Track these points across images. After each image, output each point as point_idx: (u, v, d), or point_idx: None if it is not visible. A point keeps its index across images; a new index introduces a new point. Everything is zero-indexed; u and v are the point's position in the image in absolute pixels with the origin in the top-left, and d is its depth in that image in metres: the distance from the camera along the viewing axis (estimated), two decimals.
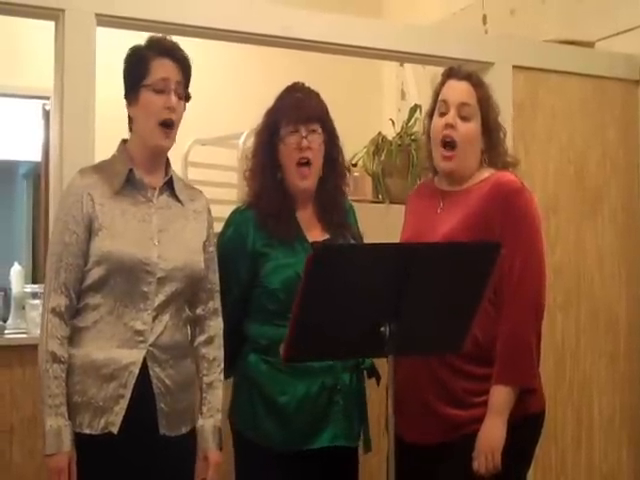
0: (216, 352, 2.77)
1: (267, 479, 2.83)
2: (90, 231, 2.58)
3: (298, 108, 2.88)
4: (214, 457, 2.71)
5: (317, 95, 2.97)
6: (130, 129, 2.73)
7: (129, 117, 2.72)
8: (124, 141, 2.73)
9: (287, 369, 2.78)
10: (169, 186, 2.72)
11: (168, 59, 2.65)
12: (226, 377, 3.00)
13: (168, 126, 2.64)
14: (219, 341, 2.78)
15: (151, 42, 2.70)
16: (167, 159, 2.75)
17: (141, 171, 2.67)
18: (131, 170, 2.65)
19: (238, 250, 2.88)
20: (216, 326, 2.78)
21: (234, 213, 2.99)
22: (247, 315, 2.91)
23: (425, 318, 2.45)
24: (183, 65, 2.68)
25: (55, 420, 2.51)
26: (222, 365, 2.78)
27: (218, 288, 2.81)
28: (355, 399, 2.90)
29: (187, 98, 2.70)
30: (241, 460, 2.91)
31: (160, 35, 2.74)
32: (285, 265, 2.81)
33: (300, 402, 2.80)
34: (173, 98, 2.63)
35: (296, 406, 2.79)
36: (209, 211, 2.81)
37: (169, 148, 2.69)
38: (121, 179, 2.64)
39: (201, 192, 2.85)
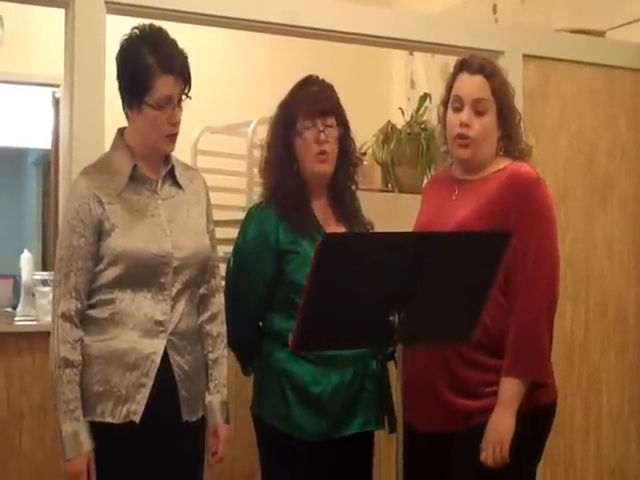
0: (220, 328, 2.78)
1: (300, 470, 2.84)
2: (99, 233, 2.57)
3: (314, 102, 2.90)
4: (224, 431, 2.74)
5: (331, 88, 2.98)
6: (127, 118, 2.67)
7: (126, 113, 2.66)
8: (120, 131, 2.70)
9: (317, 360, 2.80)
10: (170, 174, 2.71)
11: (171, 76, 2.58)
12: (248, 374, 3.03)
13: (173, 137, 2.65)
14: (222, 317, 2.79)
15: (150, 45, 2.58)
16: None
17: (143, 164, 2.66)
18: (135, 166, 2.64)
19: (263, 248, 2.88)
20: (218, 302, 2.79)
21: (255, 210, 2.99)
22: (271, 310, 2.92)
23: (435, 307, 2.45)
24: (184, 75, 2.62)
25: (70, 425, 2.52)
26: (225, 341, 2.79)
27: (218, 264, 2.83)
28: (382, 384, 2.94)
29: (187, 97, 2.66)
30: (272, 454, 2.91)
31: (155, 30, 2.63)
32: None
33: (335, 390, 2.82)
34: (177, 113, 2.61)
35: (331, 395, 2.82)
36: (206, 189, 2.81)
37: (172, 151, 2.70)
38: (125, 176, 2.62)
39: (197, 171, 2.86)
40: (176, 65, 2.60)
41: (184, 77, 2.62)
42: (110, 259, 2.57)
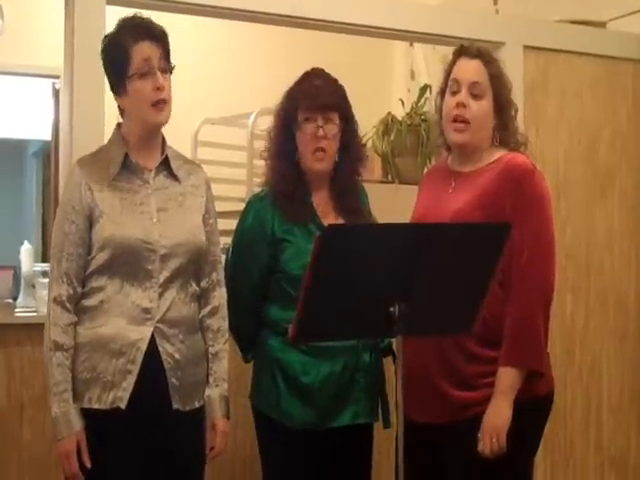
0: (220, 322, 2.79)
1: (291, 458, 2.86)
2: (91, 220, 2.61)
3: (315, 96, 2.89)
4: (221, 426, 2.74)
5: (335, 82, 2.97)
6: (121, 115, 2.72)
7: (118, 107, 2.71)
8: (118, 125, 2.73)
9: (310, 350, 2.82)
10: (166, 165, 2.73)
11: (146, 41, 2.63)
12: (247, 361, 3.05)
13: (161, 104, 2.64)
14: (223, 311, 2.80)
15: (124, 25, 2.67)
16: (163, 138, 2.75)
17: (136, 153, 2.68)
18: (126, 155, 2.66)
19: (259, 236, 2.91)
20: (220, 296, 2.80)
21: (254, 199, 3.02)
22: (267, 299, 2.94)
23: (435, 298, 2.45)
24: (161, 40, 2.66)
25: (59, 406, 2.56)
26: (227, 335, 2.80)
27: (221, 259, 2.85)
28: (375, 378, 2.94)
29: (171, 69, 2.68)
30: (265, 441, 2.96)
31: (133, 15, 2.70)
32: (306, 251, 2.81)
33: (324, 381, 2.84)
34: (159, 77, 2.63)
35: (320, 385, 2.84)
36: (208, 184, 2.82)
37: (166, 122, 2.69)
38: (117, 165, 2.66)
39: (200, 166, 2.87)
40: (149, 32, 2.65)
41: (161, 43, 2.66)
42: (99, 245, 2.60)
